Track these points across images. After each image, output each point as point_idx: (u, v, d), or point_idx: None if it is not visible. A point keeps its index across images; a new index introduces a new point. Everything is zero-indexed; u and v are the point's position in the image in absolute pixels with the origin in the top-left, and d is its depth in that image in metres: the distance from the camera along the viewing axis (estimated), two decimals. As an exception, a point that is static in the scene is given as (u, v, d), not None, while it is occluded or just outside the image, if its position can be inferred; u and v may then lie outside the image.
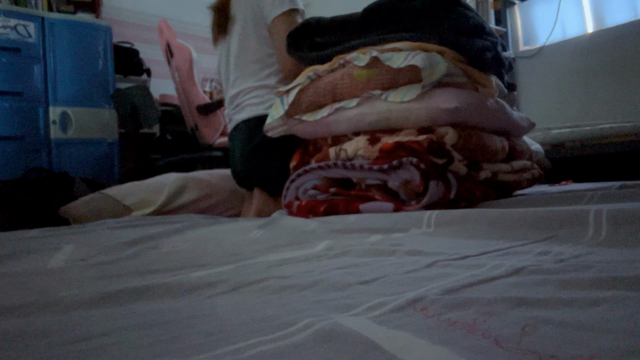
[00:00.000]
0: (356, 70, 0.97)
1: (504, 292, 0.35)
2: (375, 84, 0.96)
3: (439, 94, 0.91)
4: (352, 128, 1.00)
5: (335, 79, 1.00)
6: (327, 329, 0.28)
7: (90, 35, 2.65)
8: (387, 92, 0.95)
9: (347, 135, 1.03)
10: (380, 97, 0.95)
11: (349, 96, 1.00)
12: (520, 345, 0.25)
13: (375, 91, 0.95)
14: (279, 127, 1.12)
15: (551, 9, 3.00)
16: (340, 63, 1.01)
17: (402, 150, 0.88)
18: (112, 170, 2.68)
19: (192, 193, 1.42)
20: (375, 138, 0.95)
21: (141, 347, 0.28)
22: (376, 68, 0.95)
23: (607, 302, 0.30)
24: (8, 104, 2.36)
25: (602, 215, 0.55)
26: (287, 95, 1.08)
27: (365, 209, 0.90)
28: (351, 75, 0.98)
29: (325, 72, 1.03)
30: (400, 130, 0.95)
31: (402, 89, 0.94)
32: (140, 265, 0.54)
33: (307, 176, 1.05)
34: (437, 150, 0.87)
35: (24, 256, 0.66)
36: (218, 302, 0.37)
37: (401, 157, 0.87)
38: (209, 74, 3.72)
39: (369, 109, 0.96)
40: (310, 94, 1.04)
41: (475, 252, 0.50)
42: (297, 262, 0.52)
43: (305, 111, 1.07)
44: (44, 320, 0.34)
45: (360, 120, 0.97)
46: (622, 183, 1.13)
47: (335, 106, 1.01)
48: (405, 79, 0.94)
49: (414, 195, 0.88)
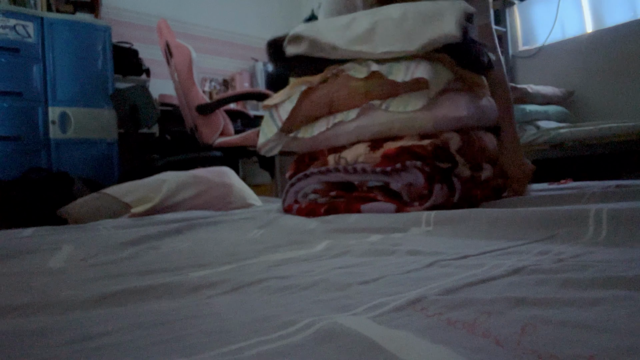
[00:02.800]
0: (353, 82, 0.94)
1: (503, 291, 0.35)
2: (374, 95, 0.93)
3: (443, 101, 0.89)
4: (352, 140, 0.97)
5: (331, 91, 0.97)
6: (327, 328, 0.28)
7: (89, 35, 2.65)
8: (387, 102, 0.92)
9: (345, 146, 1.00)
10: (380, 107, 0.92)
11: (346, 107, 0.97)
12: (520, 344, 0.25)
13: (374, 101, 0.93)
14: (273, 144, 1.08)
15: (550, 9, 3.00)
16: (333, 73, 0.98)
17: (406, 154, 0.86)
18: (111, 170, 2.67)
19: (190, 189, 1.43)
20: (376, 144, 0.93)
21: (141, 347, 0.28)
22: (375, 79, 0.92)
23: (606, 302, 0.30)
24: (7, 104, 2.35)
25: (602, 214, 0.55)
26: (277, 110, 1.04)
27: (367, 209, 0.90)
28: (348, 87, 0.95)
29: (317, 83, 0.99)
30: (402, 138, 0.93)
31: (403, 98, 0.91)
32: (140, 265, 0.54)
33: (306, 181, 1.03)
34: (442, 155, 0.86)
35: (23, 256, 0.66)
36: (218, 302, 0.37)
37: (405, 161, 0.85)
38: (209, 74, 3.72)
39: (369, 120, 0.93)
40: (305, 107, 1.01)
41: (475, 251, 0.50)
42: (297, 262, 0.52)
43: (300, 125, 1.04)
44: (43, 320, 0.34)
45: (360, 132, 0.95)
46: (618, 182, 1.13)
47: (333, 120, 0.97)
48: (407, 87, 0.92)
49: (417, 197, 0.86)
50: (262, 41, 4.48)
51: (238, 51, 3.95)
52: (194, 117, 2.35)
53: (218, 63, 3.82)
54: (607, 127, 2.07)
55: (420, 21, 0.89)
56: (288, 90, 1.04)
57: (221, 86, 3.77)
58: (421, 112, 0.89)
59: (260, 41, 4.09)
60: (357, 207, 0.91)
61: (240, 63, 3.92)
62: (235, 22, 3.96)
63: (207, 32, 3.79)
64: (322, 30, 0.99)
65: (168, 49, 2.37)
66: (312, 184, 1.02)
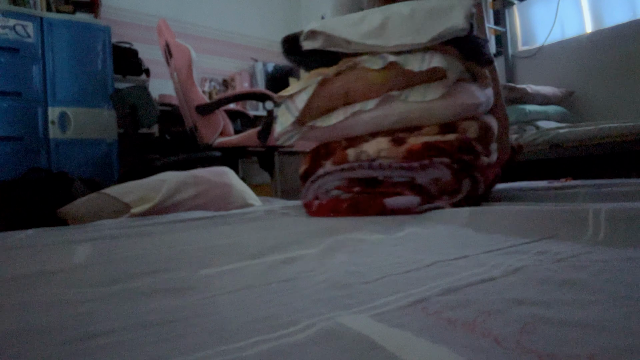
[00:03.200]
0: (370, 74, 0.97)
1: (503, 291, 0.35)
2: (391, 85, 0.97)
3: (458, 90, 0.94)
4: (370, 130, 1.01)
5: (347, 82, 1.00)
6: (328, 328, 0.28)
7: (89, 35, 2.65)
8: (405, 92, 0.96)
9: (363, 137, 1.02)
10: (399, 97, 0.96)
11: (362, 98, 1.00)
12: (520, 344, 0.25)
13: (394, 92, 0.96)
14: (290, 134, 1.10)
15: (550, 9, 3.01)
16: (348, 65, 1.01)
17: (432, 150, 0.89)
18: (111, 170, 2.67)
19: (190, 190, 1.43)
20: (399, 139, 0.95)
21: (144, 345, 0.28)
22: (392, 70, 0.96)
23: (605, 302, 0.30)
24: (7, 104, 2.35)
25: (600, 214, 0.55)
26: (293, 101, 1.07)
27: (390, 204, 0.91)
28: (365, 78, 0.98)
29: (332, 75, 1.02)
30: (421, 128, 0.96)
31: (421, 88, 0.95)
32: (143, 265, 0.54)
33: (328, 178, 1.03)
34: (466, 149, 0.90)
35: (24, 256, 0.66)
36: (220, 302, 0.37)
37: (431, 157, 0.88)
38: (208, 74, 3.72)
39: (389, 110, 0.97)
40: (321, 98, 1.04)
41: (475, 251, 0.50)
42: (298, 261, 0.52)
43: (317, 116, 1.06)
44: (46, 318, 0.34)
45: (379, 122, 0.98)
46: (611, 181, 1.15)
47: (351, 110, 1.00)
48: (422, 78, 0.95)
49: (446, 192, 0.90)
50: (262, 41, 4.48)
51: (238, 51, 3.96)
52: (194, 117, 2.35)
53: (218, 63, 3.82)
54: (607, 127, 2.07)
55: (429, 16, 0.94)
56: (304, 81, 1.06)
57: (221, 86, 3.78)
58: (440, 101, 0.93)
59: (260, 41, 4.10)
60: (381, 201, 0.92)
61: (239, 63, 3.92)
62: (235, 22, 3.96)
63: (207, 32, 3.79)
64: (335, 26, 1.04)
65: (168, 49, 2.37)
66: (334, 180, 1.02)
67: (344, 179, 1.01)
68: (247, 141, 2.33)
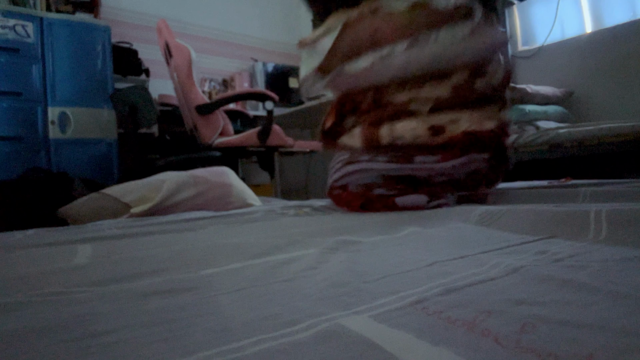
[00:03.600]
0: (395, 15, 0.94)
1: (503, 290, 0.35)
2: (418, 25, 0.93)
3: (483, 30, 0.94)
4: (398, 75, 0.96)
5: (374, 23, 0.95)
6: (329, 327, 0.29)
7: (89, 35, 2.65)
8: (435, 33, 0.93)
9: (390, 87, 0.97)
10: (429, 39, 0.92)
11: (390, 40, 0.95)
12: (520, 343, 0.25)
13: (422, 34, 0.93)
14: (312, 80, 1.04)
15: (550, 9, 3.01)
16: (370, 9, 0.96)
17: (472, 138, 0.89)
18: (111, 170, 2.68)
19: (189, 190, 1.43)
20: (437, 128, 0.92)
21: (145, 345, 0.28)
22: (418, 10, 0.93)
23: (605, 301, 0.31)
24: (7, 104, 2.35)
25: (601, 215, 0.55)
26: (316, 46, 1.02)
27: (401, 202, 0.92)
28: (391, 20, 0.94)
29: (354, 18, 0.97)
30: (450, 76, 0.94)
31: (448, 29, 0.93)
32: (145, 264, 0.54)
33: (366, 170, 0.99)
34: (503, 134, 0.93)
35: (24, 256, 0.66)
36: (222, 301, 0.37)
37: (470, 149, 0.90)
38: (208, 74, 3.72)
39: (419, 52, 0.93)
40: (346, 42, 0.98)
41: (474, 251, 0.50)
42: (299, 261, 0.52)
43: (342, 61, 1.00)
44: (47, 317, 0.34)
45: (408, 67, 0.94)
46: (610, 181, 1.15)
47: (379, 54, 0.95)
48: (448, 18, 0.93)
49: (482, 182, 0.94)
50: (262, 41, 4.48)
51: (238, 51, 3.96)
52: (194, 117, 2.35)
53: (217, 63, 3.82)
54: (607, 127, 2.07)
55: None
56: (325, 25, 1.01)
57: (221, 86, 3.78)
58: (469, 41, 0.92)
59: (260, 41, 4.10)
60: (392, 200, 0.93)
61: (239, 63, 3.92)
62: (235, 22, 3.96)
63: (207, 32, 3.79)
64: None
65: (167, 49, 2.37)
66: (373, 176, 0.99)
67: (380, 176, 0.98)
68: (247, 141, 2.33)
